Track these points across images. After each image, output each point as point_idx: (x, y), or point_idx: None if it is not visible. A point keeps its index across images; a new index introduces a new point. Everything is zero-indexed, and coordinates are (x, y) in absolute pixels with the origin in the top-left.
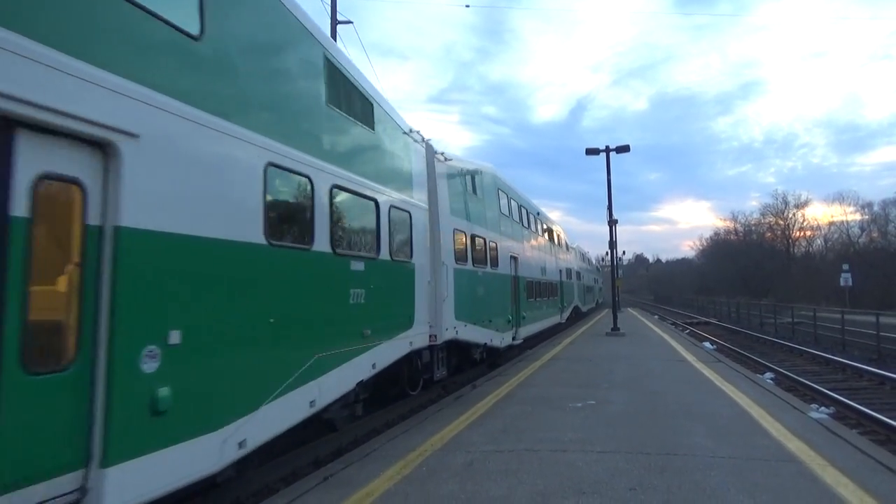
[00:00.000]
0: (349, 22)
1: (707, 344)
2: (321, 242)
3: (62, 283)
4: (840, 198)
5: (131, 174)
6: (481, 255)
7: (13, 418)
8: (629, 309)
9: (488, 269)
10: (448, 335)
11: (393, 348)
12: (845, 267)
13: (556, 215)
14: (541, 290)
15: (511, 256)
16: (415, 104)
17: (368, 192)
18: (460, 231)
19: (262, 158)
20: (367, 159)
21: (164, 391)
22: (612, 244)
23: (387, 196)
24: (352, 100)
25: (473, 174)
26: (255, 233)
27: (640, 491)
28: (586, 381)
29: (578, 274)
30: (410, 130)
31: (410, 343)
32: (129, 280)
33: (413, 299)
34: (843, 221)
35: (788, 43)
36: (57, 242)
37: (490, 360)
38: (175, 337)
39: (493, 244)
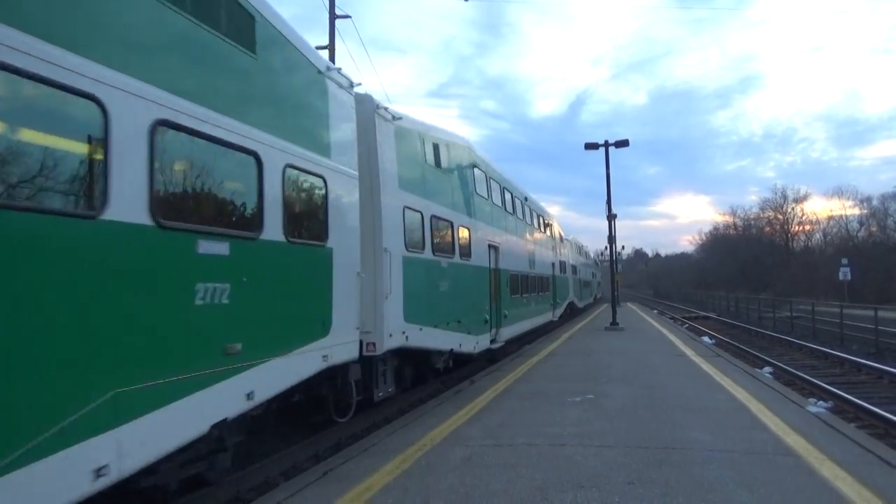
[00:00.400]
0: (347, 16)
1: (706, 338)
2: (128, 207)
3: None
4: (839, 192)
5: None
6: (446, 243)
7: None
8: (628, 304)
9: (456, 259)
10: (393, 343)
11: (290, 367)
12: (844, 261)
13: (555, 209)
14: (529, 284)
15: (490, 245)
16: (414, 99)
17: (240, 141)
18: (414, 210)
19: None
20: (242, 95)
21: None
22: (612, 239)
23: (279, 152)
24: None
25: (438, 143)
26: None
27: (638, 485)
28: (585, 376)
29: (574, 268)
30: (329, 69)
31: (325, 357)
32: None
33: (329, 297)
34: (842, 216)
35: (788, 37)
36: None
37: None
38: None
39: (465, 230)
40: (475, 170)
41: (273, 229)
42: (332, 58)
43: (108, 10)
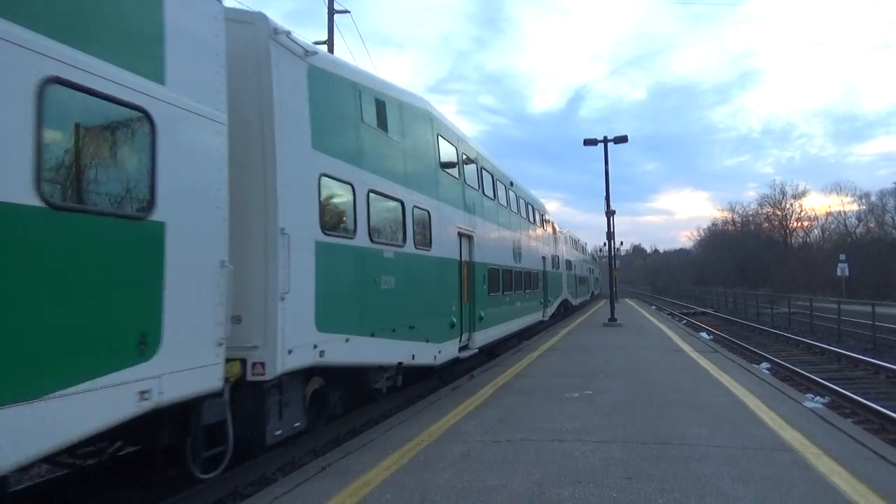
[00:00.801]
0: (346, 11)
1: (704, 334)
2: None
3: None
4: (837, 188)
5: None
6: (393, 227)
7: None
8: (627, 299)
9: (409, 248)
10: (296, 361)
11: (50, 418)
12: (842, 257)
13: (554, 205)
14: (513, 280)
15: (461, 234)
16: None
17: None
18: (340, 181)
19: None
20: None
21: None
22: (610, 234)
23: (30, 52)
24: None
25: (385, 100)
26: None
27: (635, 480)
28: (583, 372)
29: (569, 263)
30: None
31: (145, 394)
32: None
33: (155, 298)
34: (840, 212)
35: (786, 32)
36: None
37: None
38: None
39: (423, 212)
40: (441, 140)
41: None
42: (330, 53)
43: None
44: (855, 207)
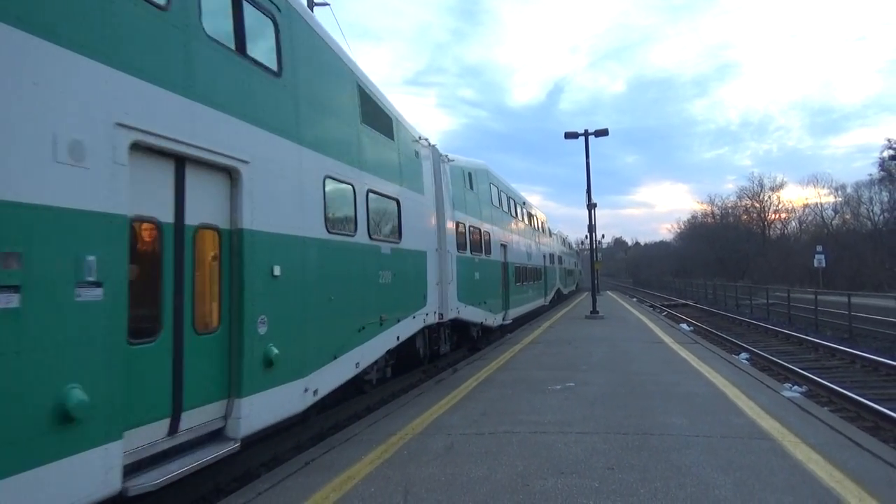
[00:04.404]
0: (326, 4)
1: (684, 325)
2: None
3: None
4: (814, 180)
5: None
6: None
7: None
8: (608, 292)
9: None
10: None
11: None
12: (819, 248)
13: (535, 199)
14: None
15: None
16: (391, 87)
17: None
18: (470, 227)
19: None
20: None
21: None
22: (591, 228)
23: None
24: None
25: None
26: None
27: (617, 470)
28: (566, 364)
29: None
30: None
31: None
32: None
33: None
34: (817, 204)
35: (763, 24)
36: None
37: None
38: None
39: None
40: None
41: None
42: None
43: None
44: (831, 199)
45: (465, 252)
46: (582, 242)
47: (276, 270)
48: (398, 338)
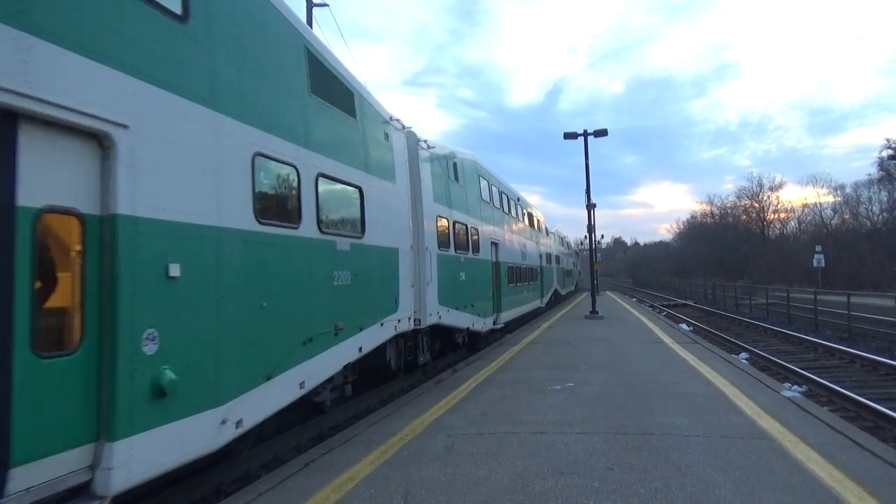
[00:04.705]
0: (325, 5)
1: (684, 325)
2: None
3: None
4: (813, 180)
5: None
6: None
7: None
8: (608, 292)
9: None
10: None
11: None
12: (818, 248)
13: (534, 199)
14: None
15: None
16: (390, 87)
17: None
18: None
19: None
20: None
21: None
22: (591, 228)
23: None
24: None
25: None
26: None
27: (617, 470)
28: (565, 364)
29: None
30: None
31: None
32: None
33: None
34: (816, 203)
35: (761, 24)
36: None
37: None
38: None
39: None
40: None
41: None
42: None
43: None
44: (830, 199)
45: (448, 250)
46: (581, 243)
47: (174, 270)
48: (360, 349)
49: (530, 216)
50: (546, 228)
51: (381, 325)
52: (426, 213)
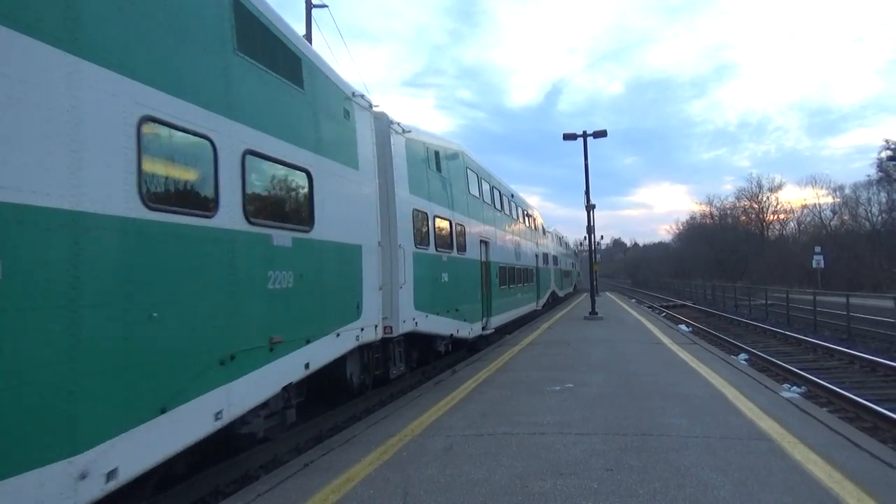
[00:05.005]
0: (324, 6)
1: (683, 326)
2: None
3: None
4: (813, 181)
5: None
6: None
7: None
8: (607, 293)
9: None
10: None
11: None
12: (817, 249)
13: (533, 200)
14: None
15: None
16: (389, 88)
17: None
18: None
19: None
20: None
21: None
22: (590, 229)
23: None
24: None
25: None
26: None
27: (616, 471)
28: (564, 365)
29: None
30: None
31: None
32: None
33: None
34: (815, 204)
35: (761, 24)
36: None
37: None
38: None
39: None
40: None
41: None
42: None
43: None
44: (830, 200)
45: (426, 248)
46: (581, 243)
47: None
48: (308, 365)
49: (526, 214)
50: (543, 228)
51: (338, 335)
52: (400, 205)
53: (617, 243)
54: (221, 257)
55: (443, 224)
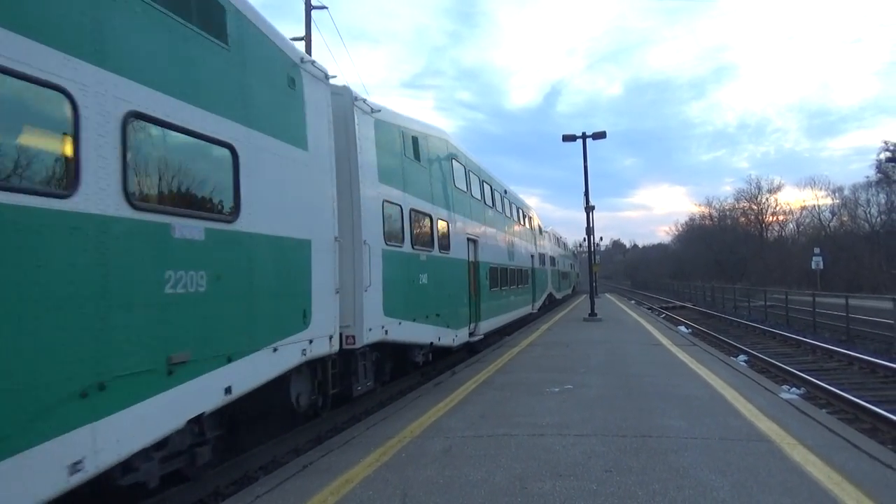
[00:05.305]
0: (324, 7)
1: (682, 328)
2: None
3: None
4: (812, 182)
5: None
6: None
7: None
8: (607, 294)
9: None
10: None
11: None
12: (816, 250)
13: (533, 201)
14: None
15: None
16: (389, 90)
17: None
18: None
19: None
20: None
21: None
22: (589, 230)
23: None
24: None
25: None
26: None
27: (615, 472)
28: (564, 366)
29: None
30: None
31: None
32: None
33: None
34: (814, 206)
35: (760, 26)
36: None
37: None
38: None
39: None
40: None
41: None
42: (308, 50)
43: None
44: (829, 201)
45: (400, 246)
46: (580, 245)
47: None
48: (229, 390)
49: (521, 212)
50: (540, 227)
51: (276, 350)
52: (366, 195)
53: (616, 245)
54: (82, 251)
55: (422, 219)
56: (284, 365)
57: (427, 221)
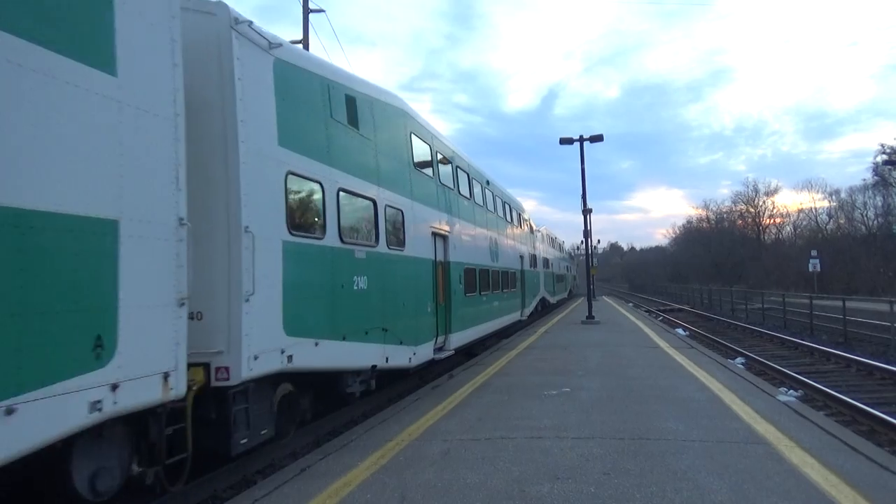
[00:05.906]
0: (321, 11)
1: (680, 330)
2: None
3: None
4: (809, 185)
5: None
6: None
7: None
8: (604, 297)
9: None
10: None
11: None
12: (814, 253)
13: (531, 204)
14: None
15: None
16: None
17: None
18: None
19: None
20: None
21: None
22: (587, 233)
23: None
24: None
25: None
26: None
27: (613, 475)
28: (562, 369)
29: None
30: None
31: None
32: None
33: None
34: (811, 208)
35: (756, 29)
36: None
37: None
38: None
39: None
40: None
41: None
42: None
43: None
44: (826, 204)
45: (319, 238)
46: (577, 248)
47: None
48: None
49: (508, 207)
50: (531, 225)
51: (12, 412)
52: (250, 162)
53: (614, 247)
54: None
55: (359, 204)
56: (47, 434)
57: (369, 208)
